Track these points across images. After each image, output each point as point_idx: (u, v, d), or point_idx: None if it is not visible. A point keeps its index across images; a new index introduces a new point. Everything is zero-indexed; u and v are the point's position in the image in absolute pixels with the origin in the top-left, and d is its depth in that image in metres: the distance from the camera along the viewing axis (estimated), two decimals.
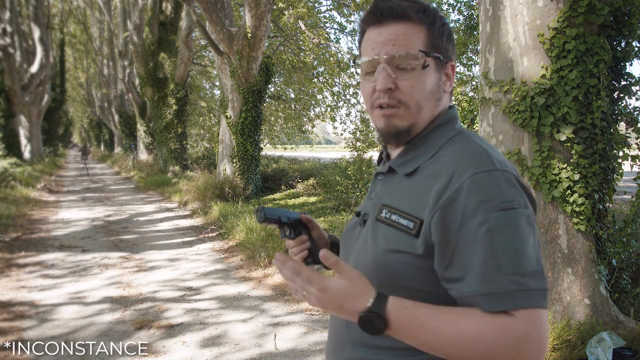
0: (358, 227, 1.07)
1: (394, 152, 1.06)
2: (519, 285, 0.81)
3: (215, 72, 22.28)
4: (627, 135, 3.53)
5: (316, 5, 15.83)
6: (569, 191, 3.34)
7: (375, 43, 0.98)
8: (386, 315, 0.84)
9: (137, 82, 19.95)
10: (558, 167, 3.34)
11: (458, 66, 11.42)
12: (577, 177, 3.30)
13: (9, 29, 18.54)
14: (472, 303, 0.84)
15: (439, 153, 0.97)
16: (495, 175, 0.87)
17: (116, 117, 31.01)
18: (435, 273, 0.90)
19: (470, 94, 8.64)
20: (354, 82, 17.33)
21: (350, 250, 1.07)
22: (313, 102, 18.54)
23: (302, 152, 32.39)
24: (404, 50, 0.95)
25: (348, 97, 17.11)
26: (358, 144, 11.81)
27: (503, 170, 0.89)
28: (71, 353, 3.46)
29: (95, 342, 3.62)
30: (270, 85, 12.94)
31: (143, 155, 21.40)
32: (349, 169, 9.57)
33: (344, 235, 1.14)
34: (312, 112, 18.97)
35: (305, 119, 19.24)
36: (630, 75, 3.50)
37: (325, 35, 15.64)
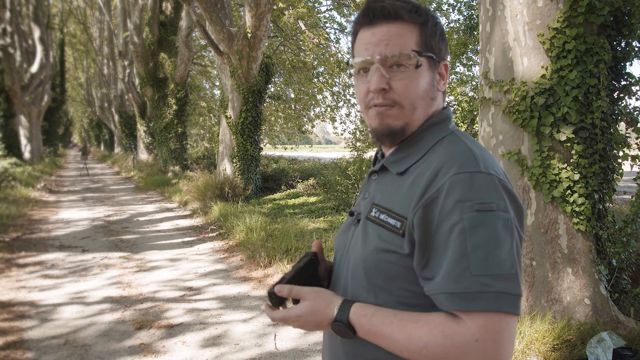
0: (352, 226, 1.07)
1: (388, 151, 1.07)
2: (485, 287, 0.80)
3: (215, 72, 22.28)
4: (627, 135, 3.53)
5: (316, 5, 15.83)
6: (569, 191, 3.34)
7: (369, 44, 0.98)
8: (350, 323, 0.91)
9: (137, 82, 19.96)
10: (558, 167, 3.34)
11: (458, 66, 11.44)
12: (577, 177, 3.30)
13: (9, 29, 18.55)
14: (437, 302, 0.85)
15: (428, 153, 0.97)
16: (478, 176, 0.87)
17: (116, 117, 31.01)
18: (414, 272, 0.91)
19: (470, 94, 8.64)
20: (354, 82, 17.28)
21: (345, 251, 1.07)
22: (313, 102, 18.54)
23: (302, 152, 32.40)
24: (397, 50, 0.95)
25: (348, 97, 17.12)
26: (358, 144, 11.82)
27: (487, 173, 0.88)
28: (71, 353, 3.46)
29: (95, 342, 3.63)
30: (270, 85, 12.95)
31: (143, 155, 21.41)
32: (349, 169, 9.58)
33: (339, 236, 1.14)
34: (312, 112, 18.98)
35: (305, 119, 19.25)
36: (630, 75, 3.50)
37: (325, 35, 15.64)
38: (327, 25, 16.92)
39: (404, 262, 0.91)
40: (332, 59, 15.73)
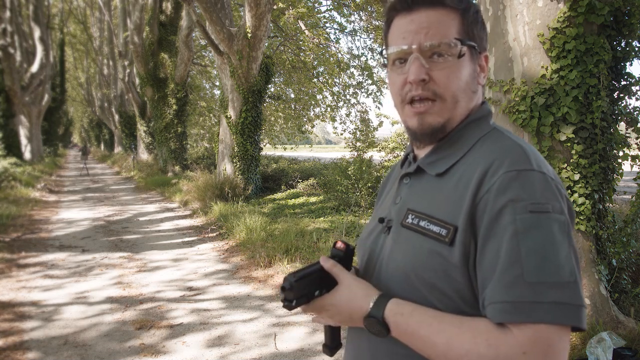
0: (382, 235, 0.99)
1: (422, 152, 0.98)
2: (540, 296, 0.72)
3: (215, 72, 22.29)
4: (627, 135, 3.53)
5: (316, 5, 15.84)
6: (569, 191, 3.34)
7: (407, 32, 0.90)
8: (385, 320, 0.85)
9: (137, 82, 19.97)
10: (558, 167, 3.34)
11: None
12: (577, 177, 3.30)
13: (9, 28, 18.55)
14: (487, 311, 0.78)
15: (471, 151, 0.90)
16: (531, 175, 0.80)
17: (116, 117, 31.02)
18: (467, 286, 0.83)
19: None
20: (354, 82, 17.31)
21: (372, 261, 0.98)
22: (313, 102, 18.56)
23: (302, 152, 32.40)
24: (438, 39, 0.88)
25: (348, 97, 17.13)
26: (358, 144, 11.83)
27: (540, 172, 0.81)
28: (71, 353, 3.46)
29: (95, 343, 3.63)
30: (270, 85, 12.95)
31: (143, 155, 21.42)
32: (349, 169, 9.57)
33: (363, 242, 1.06)
34: (312, 112, 18.99)
35: (305, 119, 19.26)
36: (630, 75, 3.50)
37: (325, 35, 15.66)
38: (327, 25, 16.94)
39: (451, 272, 0.83)
40: (332, 59, 15.74)
